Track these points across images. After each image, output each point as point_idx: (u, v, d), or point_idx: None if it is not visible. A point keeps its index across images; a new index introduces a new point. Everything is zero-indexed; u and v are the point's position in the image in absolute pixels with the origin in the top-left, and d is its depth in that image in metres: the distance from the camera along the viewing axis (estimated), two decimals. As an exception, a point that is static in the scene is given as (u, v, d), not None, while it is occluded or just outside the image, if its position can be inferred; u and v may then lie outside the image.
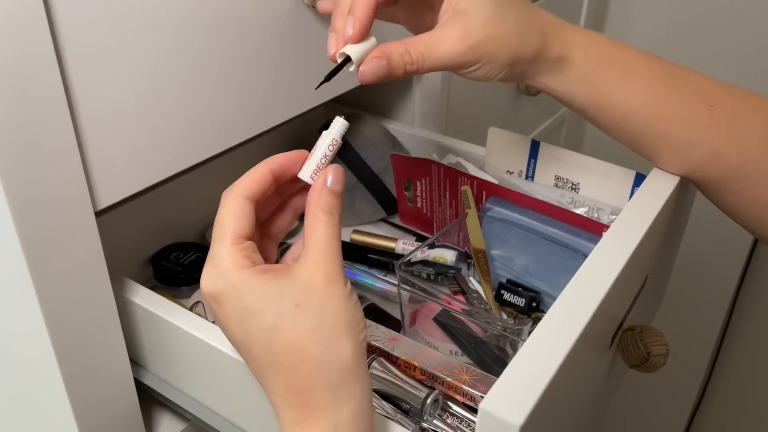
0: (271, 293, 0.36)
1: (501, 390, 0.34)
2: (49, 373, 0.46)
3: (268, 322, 0.36)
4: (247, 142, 0.56)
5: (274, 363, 0.36)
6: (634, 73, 0.49)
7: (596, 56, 0.49)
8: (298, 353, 0.36)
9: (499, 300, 0.61)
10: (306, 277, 0.37)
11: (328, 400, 0.36)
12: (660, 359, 0.51)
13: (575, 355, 0.38)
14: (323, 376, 0.36)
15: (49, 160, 0.40)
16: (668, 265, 0.68)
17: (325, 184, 0.39)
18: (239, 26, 0.51)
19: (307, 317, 0.36)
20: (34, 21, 0.37)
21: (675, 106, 0.49)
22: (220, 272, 0.38)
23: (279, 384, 0.37)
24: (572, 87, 0.49)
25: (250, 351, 0.37)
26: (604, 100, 0.49)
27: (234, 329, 0.37)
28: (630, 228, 0.47)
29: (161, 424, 0.57)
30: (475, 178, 0.64)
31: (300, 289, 0.36)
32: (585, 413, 0.52)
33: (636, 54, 0.50)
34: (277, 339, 0.36)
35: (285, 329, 0.36)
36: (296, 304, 0.36)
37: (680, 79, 0.50)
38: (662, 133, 0.50)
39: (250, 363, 0.38)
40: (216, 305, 0.38)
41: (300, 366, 0.36)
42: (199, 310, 0.59)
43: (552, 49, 0.48)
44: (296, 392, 0.36)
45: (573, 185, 0.63)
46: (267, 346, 0.36)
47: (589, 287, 0.42)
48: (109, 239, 0.47)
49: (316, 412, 0.36)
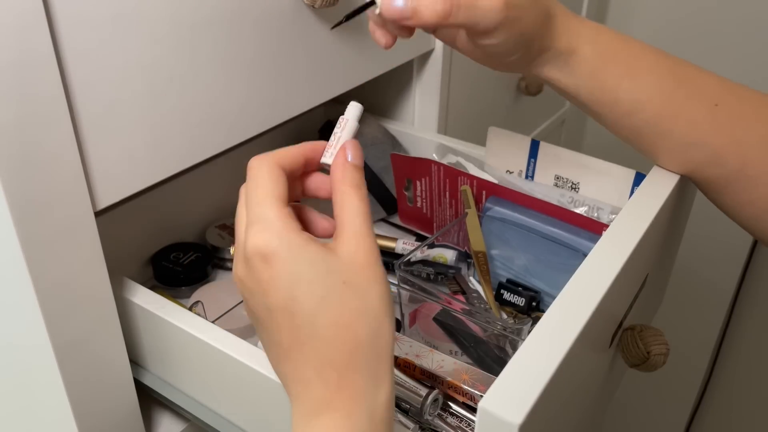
0: (322, 264, 0.35)
1: (500, 389, 0.34)
2: (49, 373, 0.46)
3: (317, 293, 0.35)
4: (247, 141, 0.56)
5: (316, 336, 0.35)
6: (641, 69, 0.49)
7: (604, 50, 0.49)
8: (343, 331, 0.35)
9: (498, 299, 0.61)
10: (348, 256, 0.36)
11: (367, 383, 0.35)
12: (660, 358, 0.51)
13: (575, 354, 0.38)
14: (364, 358, 0.35)
15: (48, 160, 0.40)
16: (668, 265, 0.68)
17: (346, 160, 0.39)
18: (239, 26, 0.51)
19: (353, 297, 0.35)
20: (34, 21, 0.37)
21: (679, 105, 0.49)
22: (274, 232, 0.36)
23: (318, 358, 0.35)
24: (578, 80, 0.49)
25: (292, 318, 0.35)
26: (609, 96, 0.49)
27: (278, 292, 0.35)
28: (630, 227, 0.47)
29: (161, 424, 0.57)
30: (475, 178, 0.64)
31: (345, 267, 0.36)
32: (585, 412, 0.52)
33: (643, 49, 0.50)
34: (324, 312, 0.35)
35: (332, 304, 0.35)
36: (344, 281, 0.35)
37: (686, 77, 0.50)
38: (664, 131, 0.50)
39: (284, 329, 0.36)
40: (264, 265, 0.36)
41: (344, 344, 0.35)
42: (199, 310, 0.59)
43: (560, 39, 0.48)
44: (336, 369, 0.35)
45: (573, 185, 0.63)
46: (312, 317, 0.35)
47: (588, 286, 0.42)
48: (109, 239, 0.47)
49: (353, 393, 0.35)
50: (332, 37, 0.60)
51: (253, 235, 0.36)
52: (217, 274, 0.71)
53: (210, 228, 0.73)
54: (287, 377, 0.37)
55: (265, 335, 0.38)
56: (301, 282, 0.35)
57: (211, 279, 0.69)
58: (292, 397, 0.37)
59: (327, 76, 0.61)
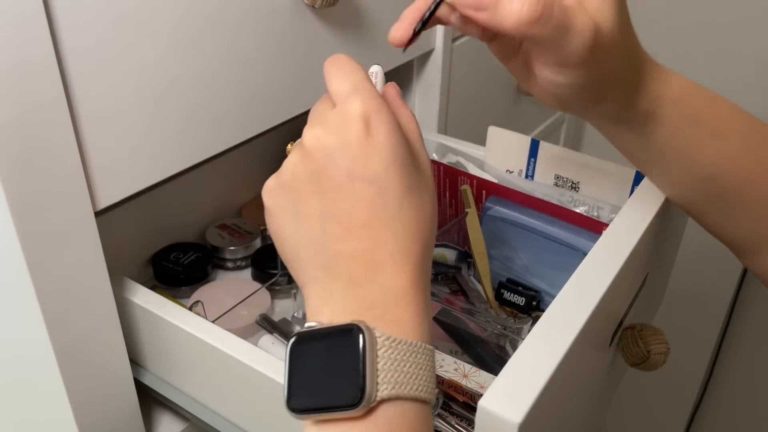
0: (412, 158, 0.36)
1: (500, 388, 0.34)
2: (49, 373, 0.46)
3: (407, 181, 0.35)
4: (247, 142, 0.56)
5: (400, 219, 0.34)
6: (726, 131, 0.44)
7: (689, 112, 0.43)
8: (421, 225, 0.35)
9: (499, 299, 0.61)
10: (423, 164, 0.38)
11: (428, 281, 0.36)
12: (660, 358, 0.51)
13: (574, 354, 0.38)
14: (429, 259, 0.36)
15: (48, 160, 0.40)
16: (668, 264, 0.68)
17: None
18: (239, 26, 0.51)
19: (429, 201, 0.37)
20: (34, 22, 0.37)
21: (765, 171, 0.44)
22: (381, 104, 0.36)
23: (395, 242, 0.34)
24: (652, 141, 0.44)
25: (381, 193, 0.34)
26: (688, 160, 0.44)
27: (374, 161, 0.34)
28: (630, 226, 0.47)
29: (161, 424, 0.57)
30: (475, 178, 0.64)
31: (424, 170, 0.37)
32: (585, 412, 0.52)
33: (730, 110, 0.45)
34: (410, 201, 0.35)
35: (415, 197, 0.35)
36: (425, 184, 0.37)
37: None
38: (746, 195, 0.45)
39: (362, 205, 0.34)
40: (365, 129, 0.34)
41: (421, 238, 0.35)
42: (199, 310, 0.59)
43: (642, 99, 0.42)
44: (411, 261, 0.34)
45: (573, 184, 0.63)
46: (401, 200, 0.34)
47: (588, 286, 0.42)
48: (109, 239, 0.47)
49: (425, 293, 0.35)
50: (332, 37, 0.60)
51: (359, 99, 0.35)
52: (217, 274, 0.71)
53: (210, 228, 0.73)
54: (343, 256, 0.34)
55: (329, 205, 0.35)
56: (398, 161, 0.35)
57: (211, 279, 0.69)
58: (343, 280, 0.34)
59: (327, 76, 0.61)
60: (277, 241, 0.38)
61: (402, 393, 0.31)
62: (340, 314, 0.34)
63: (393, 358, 0.32)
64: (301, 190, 0.36)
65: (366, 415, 0.31)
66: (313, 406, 0.32)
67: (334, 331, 0.33)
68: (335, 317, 0.34)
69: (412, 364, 0.32)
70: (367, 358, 0.31)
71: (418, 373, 0.32)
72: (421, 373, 0.32)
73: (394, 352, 0.32)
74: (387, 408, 0.32)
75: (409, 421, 0.32)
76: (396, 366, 0.32)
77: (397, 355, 0.32)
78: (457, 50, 0.82)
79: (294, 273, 0.38)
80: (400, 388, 0.31)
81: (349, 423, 0.32)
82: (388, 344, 0.32)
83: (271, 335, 0.57)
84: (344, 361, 0.32)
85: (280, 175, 0.37)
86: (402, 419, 0.32)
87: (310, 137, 0.36)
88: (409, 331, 0.33)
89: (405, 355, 0.32)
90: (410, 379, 0.32)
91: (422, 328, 0.34)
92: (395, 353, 0.32)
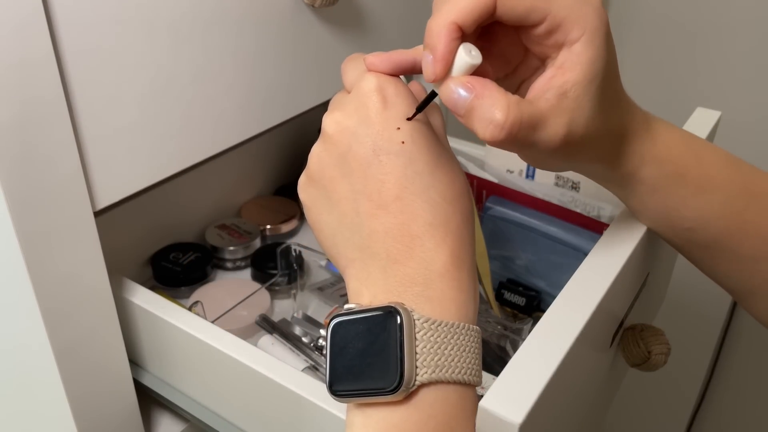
0: (437, 143, 0.36)
1: (501, 388, 0.34)
2: (48, 374, 0.46)
3: (436, 150, 0.35)
4: (246, 141, 0.56)
5: (433, 188, 0.33)
6: (711, 187, 0.43)
7: (672, 171, 0.42)
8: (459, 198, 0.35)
9: (499, 299, 0.61)
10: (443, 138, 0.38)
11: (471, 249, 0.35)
12: (661, 358, 0.51)
13: (575, 354, 0.38)
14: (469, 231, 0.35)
15: (48, 159, 0.40)
16: (669, 264, 0.68)
17: None
18: (239, 26, 0.51)
19: (460, 173, 0.36)
20: (34, 21, 0.37)
21: (750, 222, 0.44)
22: (398, 81, 0.36)
23: (432, 213, 0.33)
24: (635, 195, 0.44)
25: (410, 164, 0.33)
26: (671, 213, 0.44)
27: (397, 133, 0.34)
28: (630, 226, 0.47)
29: (161, 424, 0.57)
30: (476, 177, 0.64)
31: (448, 145, 0.38)
32: (586, 412, 0.52)
33: (717, 163, 0.44)
34: (442, 170, 0.34)
35: (446, 168, 0.35)
36: (454, 159, 0.37)
37: (760, 192, 0.45)
38: (731, 248, 0.44)
39: (391, 179, 0.33)
40: (383, 103, 0.34)
41: (458, 212, 0.34)
42: (198, 310, 0.59)
43: (625, 165, 0.41)
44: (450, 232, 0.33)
45: (573, 184, 0.63)
46: (433, 169, 0.34)
47: (589, 286, 0.42)
48: (109, 239, 0.47)
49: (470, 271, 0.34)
50: (332, 37, 0.60)
51: (372, 75, 0.35)
52: (216, 274, 0.71)
53: (210, 228, 0.73)
54: (378, 233, 0.33)
55: (359, 184, 0.34)
56: (422, 130, 0.34)
57: (210, 279, 0.69)
58: (381, 258, 0.33)
59: (327, 75, 0.61)
60: (317, 233, 0.37)
61: (443, 377, 0.31)
62: (380, 294, 0.33)
63: (433, 340, 0.31)
64: (330, 177, 0.35)
65: (407, 400, 0.31)
66: (354, 390, 0.32)
67: (371, 313, 0.32)
68: (375, 298, 0.33)
69: (453, 346, 0.31)
70: (405, 342, 0.30)
71: (460, 355, 0.31)
72: (463, 355, 0.31)
73: (434, 334, 0.31)
74: (428, 392, 0.31)
75: (452, 404, 0.31)
76: (436, 349, 0.31)
77: (438, 337, 0.31)
78: (458, 50, 0.82)
79: (334, 260, 0.37)
80: (441, 372, 0.31)
81: (391, 407, 0.31)
82: (428, 326, 0.31)
83: (270, 335, 0.57)
84: (383, 345, 0.31)
85: (308, 168, 0.37)
86: (445, 403, 0.31)
87: (330, 122, 0.35)
88: (453, 309, 0.32)
89: (446, 336, 0.31)
90: (452, 361, 0.31)
91: (467, 306, 0.33)
92: (435, 335, 0.31)
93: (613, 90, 0.38)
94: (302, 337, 0.58)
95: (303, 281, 0.66)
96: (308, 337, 0.59)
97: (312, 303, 0.66)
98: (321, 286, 0.66)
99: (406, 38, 0.69)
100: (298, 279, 0.65)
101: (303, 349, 0.55)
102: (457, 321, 0.32)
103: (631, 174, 0.42)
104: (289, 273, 0.66)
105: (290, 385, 0.44)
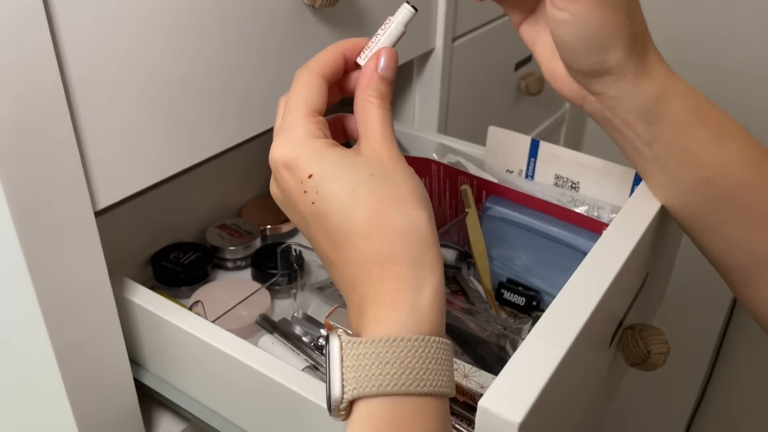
0: (346, 162, 0.36)
1: (500, 388, 0.34)
2: (49, 373, 0.46)
3: (345, 188, 0.35)
4: (247, 142, 0.56)
5: (354, 231, 0.35)
6: (727, 134, 0.44)
7: (695, 108, 0.43)
8: (379, 221, 0.34)
9: (499, 299, 0.61)
10: (372, 152, 0.37)
11: (411, 271, 0.34)
12: (660, 358, 0.51)
13: (574, 353, 0.38)
14: (407, 247, 0.34)
15: (48, 159, 0.40)
16: (669, 264, 0.68)
17: (376, 70, 0.39)
18: (239, 26, 0.51)
19: (383, 186, 0.35)
20: (34, 20, 0.37)
21: (764, 178, 0.44)
22: (295, 140, 0.37)
23: (360, 254, 0.35)
24: (657, 133, 0.44)
25: (325, 220, 0.35)
26: (692, 160, 0.44)
27: (307, 197, 0.36)
28: (629, 226, 0.47)
29: (161, 424, 0.57)
30: (475, 178, 0.64)
31: (370, 161, 0.37)
32: (585, 412, 0.52)
33: (729, 117, 0.45)
34: (357, 205, 0.35)
35: (362, 196, 0.35)
36: (371, 174, 0.36)
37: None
38: (747, 203, 0.45)
39: (321, 235, 0.36)
40: (289, 173, 0.37)
41: (381, 234, 0.34)
42: (199, 310, 0.59)
43: (650, 84, 0.42)
44: (380, 262, 0.34)
45: (573, 184, 0.63)
46: (346, 213, 0.35)
47: (588, 285, 0.42)
48: (109, 239, 0.47)
49: (399, 284, 0.34)
50: (332, 37, 0.60)
51: (277, 146, 0.37)
52: (217, 274, 0.71)
53: (210, 228, 0.73)
54: (337, 282, 0.37)
55: (314, 246, 0.38)
56: (328, 181, 0.35)
57: (211, 279, 0.69)
58: (346, 301, 0.36)
59: (327, 75, 0.61)
60: None
61: (364, 392, 0.32)
62: (353, 329, 0.36)
63: (357, 358, 0.33)
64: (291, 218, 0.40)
65: (349, 418, 0.33)
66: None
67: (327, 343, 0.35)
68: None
69: (374, 362, 0.32)
70: (332, 365, 0.33)
71: (382, 369, 0.32)
72: (386, 368, 0.32)
73: (357, 352, 0.33)
74: (357, 409, 0.33)
75: (379, 417, 0.32)
76: (360, 365, 0.32)
77: (359, 354, 0.33)
78: (457, 50, 0.82)
79: None
80: (362, 389, 0.32)
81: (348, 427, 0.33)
82: (350, 347, 0.33)
83: (271, 335, 0.57)
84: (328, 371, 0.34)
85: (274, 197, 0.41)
86: (371, 417, 0.32)
87: (271, 182, 0.40)
88: (382, 327, 0.33)
89: (366, 353, 0.33)
90: (372, 377, 0.32)
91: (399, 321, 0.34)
92: (357, 353, 0.33)
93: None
94: (302, 336, 0.58)
95: (303, 281, 0.66)
96: (308, 336, 0.59)
97: (312, 303, 0.66)
98: (321, 286, 0.67)
99: (405, 38, 0.69)
100: (298, 279, 0.65)
101: (303, 348, 0.55)
102: (386, 336, 0.33)
103: (659, 99, 0.43)
104: (289, 273, 0.66)
105: (290, 385, 0.44)
